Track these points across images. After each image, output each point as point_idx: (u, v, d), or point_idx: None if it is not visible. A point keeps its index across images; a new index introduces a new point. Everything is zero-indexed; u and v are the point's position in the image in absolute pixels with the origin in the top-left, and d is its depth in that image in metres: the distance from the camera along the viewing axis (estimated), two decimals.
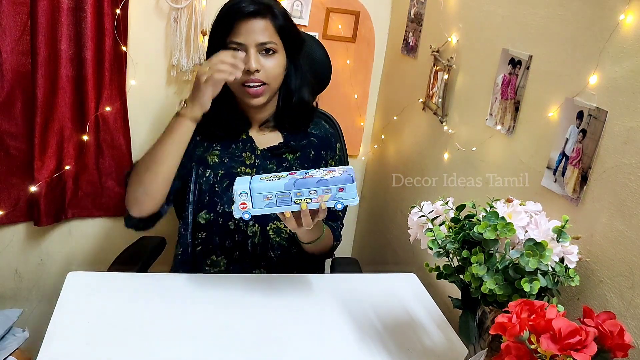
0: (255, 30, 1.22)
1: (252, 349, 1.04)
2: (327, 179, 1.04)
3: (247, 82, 1.23)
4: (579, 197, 0.97)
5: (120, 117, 1.73)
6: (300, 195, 1.04)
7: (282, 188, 1.04)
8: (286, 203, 1.05)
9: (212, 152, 1.33)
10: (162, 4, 1.68)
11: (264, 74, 1.23)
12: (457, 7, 1.47)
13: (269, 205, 1.06)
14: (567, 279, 0.85)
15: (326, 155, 1.39)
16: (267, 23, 1.23)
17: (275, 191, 1.04)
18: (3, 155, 1.66)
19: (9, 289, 1.86)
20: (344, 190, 1.04)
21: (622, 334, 0.72)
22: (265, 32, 1.23)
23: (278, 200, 1.05)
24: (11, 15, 1.56)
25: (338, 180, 1.04)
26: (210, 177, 1.31)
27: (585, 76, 0.97)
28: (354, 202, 1.06)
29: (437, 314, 1.23)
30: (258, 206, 1.06)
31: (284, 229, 1.34)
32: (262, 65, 1.23)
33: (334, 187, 1.04)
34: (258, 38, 1.22)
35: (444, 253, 0.90)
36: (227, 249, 1.34)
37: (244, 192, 1.05)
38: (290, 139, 1.36)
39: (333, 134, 1.45)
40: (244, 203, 1.06)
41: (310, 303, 1.22)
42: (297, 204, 1.05)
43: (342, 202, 1.05)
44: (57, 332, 1.02)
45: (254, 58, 1.21)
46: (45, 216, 1.71)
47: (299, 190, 1.04)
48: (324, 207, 1.06)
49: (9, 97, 1.62)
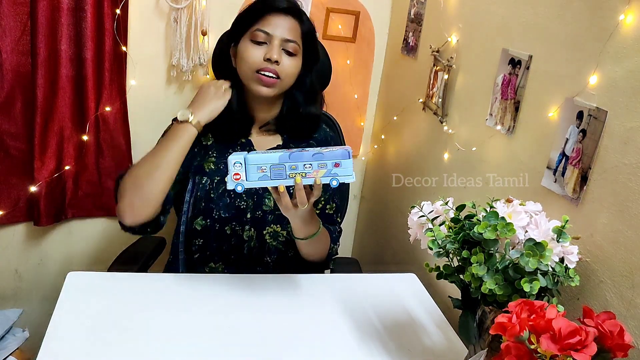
0: (285, 25, 1.24)
1: (252, 349, 1.04)
2: (323, 153, 1.02)
3: (263, 70, 1.23)
4: (579, 197, 0.97)
5: (120, 117, 1.73)
6: (295, 169, 1.02)
7: (277, 160, 1.02)
8: (280, 177, 1.03)
9: (209, 160, 1.32)
10: (162, 4, 1.68)
11: (281, 68, 1.24)
12: (457, 7, 1.47)
13: (263, 178, 1.03)
14: (567, 279, 0.85)
15: None
16: (296, 23, 1.26)
17: (270, 162, 1.02)
18: (3, 155, 1.66)
19: (9, 289, 1.86)
20: (340, 166, 1.02)
21: (622, 334, 0.72)
22: (293, 31, 1.25)
23: (272, 172, 1.03)
24: (11, 15, 1.56)
25: (334, 154, 1.02)
26: (207, 184, 1.30)
27: (585, 76, 0.97)
28: (350, 179, 1.03)
29: (437, 314, 1.23)
30: (251, 178, 1.03)
31: (280, 232, 1.34)
32: (282, 61, 1.24)
33: (329, 162, 1.02)
34: (285, 34, 1.24)
35: (444, 253, 0.90)
36: (223, 254, 1.34)
37: (238, 163, 1.03)
38: (289, 142, 1.36)
39: (333, 137, 1.44)
40: (238, 174, 1.03)
41: (310, 303, 1.22)
42: (292, 177, 1.03)
43: (337, 178, 1.02)
44: (57, 332, 1.02)
45: (276, 50, 1.23)
46: (45, 216, 1.71)
47: (294, 163, 1.02)
48: (318, 183, 1.03)
49: (9, 97, 1.62)
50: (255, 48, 1.23)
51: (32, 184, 1.66)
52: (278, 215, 1.31)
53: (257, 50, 1.23)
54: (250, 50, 1.23)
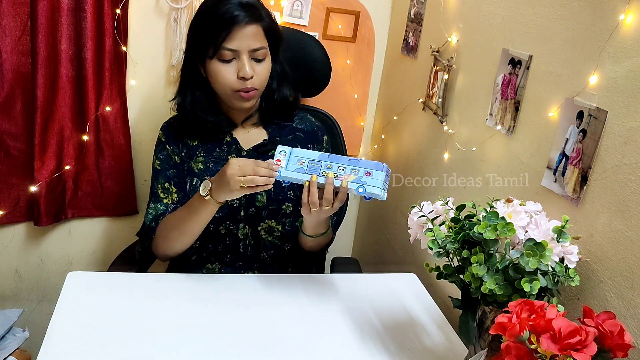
0: (248, 36, 1.20)
1: (252, 349, 1.04)
2: (359, 160, 1.10)
3: (240, 90, 1.22)
4: (579, 197, 0.97)
5: (120, 117, 1.73)
6: (330, 168, 1.10)
7: (317, 157, 1.12)
8: (314, 172, 1.10)
9: (197, 160, 1.32)
10: (162, 4, 1.68)
11: (256, 79, 1.22)
12: (457, 7, 1.47)
13: (299, 170, 1.11)
14: (567, 279, 0.85)
15: (313, 149, 1.37)
16: (257, 27, 1.22)
17: (309, 157, 1.12)
18: (3, 155, 1.66)
19: (9, 289, 1.86)
20: (371, 176, 1.08)
21: (622, 334, 0.72)
22: (257, 36, 1.22)
23: (308, 167, 1.11)
24: (11, 15, 1.56)
25: (368, 164, 1.09)
26: (197, 185, 1.29)
27: (585, 76, 0.97)
28: (378, 191, 1.07)
29: (437, 314, 1.23)
30: (290, 168, 1.12)
31: (275, 227, 1.34)
32: (255, 71, 1.22)
33: (362, 170, 1.09)
34: (251, 44, 1.20)
35: (444, 253, 0.90)
36: (219, 255, 1.34)
37: (283, 152, 1.13)
38: (275, 135, 1.35)
39: (320, 127, 1.42)
40: (279, 160, 1.12)
41: (310, 303, 1.22)
42: (324, 176, 1.09)
43: (365, 186, 1.08)
44: (57, 332, 1.02)
45: (248, 65, 1.20)
46: (45, 216, 1.71)
47: (330, 162, 1.11)
48: (344, 185, 1.08)
49: (9, 97, 1.62)
50: (225, 67, 1.21)
51: (32, 184, 1.66)
52: (272, 210, 1.32)
53: (228, 68, 1.21)
54: (222, 71, 1.21)
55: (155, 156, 1.34)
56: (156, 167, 1.33)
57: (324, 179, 1.09)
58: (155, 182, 1.33)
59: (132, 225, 1.88)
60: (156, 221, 1.29)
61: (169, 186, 1.31)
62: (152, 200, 1.32)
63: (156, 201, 1.31)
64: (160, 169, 1.32)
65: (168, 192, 1.31)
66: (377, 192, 1.07)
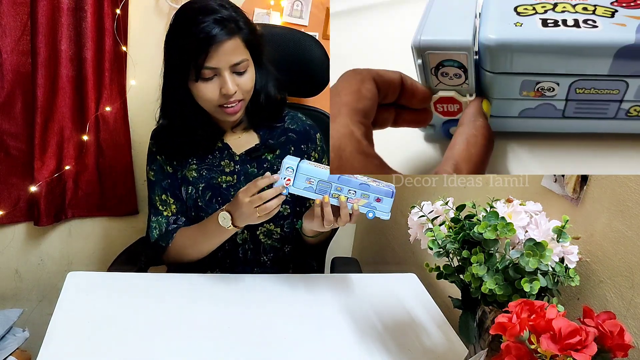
0: (229, 50, 1.14)
1: (252, 349, 1.04)
2: (370, 185, 1.09)
3: (224, 104, 1.18)
4: (579, 197, 0.97)
5: (120, 117, 1.73)
6: (340, 191, 1.09)
7: (326, 177, 1.09)
8: (324, 193, 1.10)
9: (190, 168, 1.30)
10: (162, 4, 1.68)
11: (239, 92, 1.18)
12: None
13: (308, 189, 1.10)
14: (567, 279, 0.85)
15: (307, 148, 1.35)
16: (236, 41, 1.15)
17: (318, 177, 1.09)
18: (3, 155, 1.66)
19: (9, 289, 1.86)
20: (381, 202, 1.09)
21: (622, 334, 0.72)
22: (236, 51, 1.15)
23: (318, 187, 1.10)
24: (11, 16, 1.56)
25: (379, 190, 1.09)
26: (192, 193, 1.29)
27: None
28: (386, 217, 1.10)
29: (437, 314, 1.23)
30: (298, 186, 1.10)
31: (274, 230, 1.33)
32: (238, 84, 1.17)
33: (372, 195, 1.09)
34: (231, 59, 1.15)
35: (444, 253, 0.90)
36: (219, 261, 1.34)
37: (290, 168, 1.09)
38: (268, 138, 1.33)
39: (312, 126, 1.39)
40: (289, 179, 1.10)
41: (310, 303, 1.22)
42: (335, 198, 1.09)
43: (375, 212, 1.10)
44: (57, 332, 1.02)
45: (230, 81, 1.15)
46: (45, 216, 1.71)
47: (340, 185, 1.09)
48: (356, 208, 1.09)
49: (9, 97, 1.62)
50: (206, 85, 1.16)
51: (32, 184, 1.66)
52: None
53: (211, 86, 1.16)
54: (203, 90, 1.16)
55: (148, 167, 1.32)
56: (150, 178, 1.32)
57: (335, 201, 1.10)
58: (152, 194, 1.31)
59: (132, 225, 1.89)
60: (163, 238, 1.28)
61: (166, 198, 1.30)
62: (153, 213, 1.31)
63: (157, 214, 1.30)
64: (154, 180, 1.31)
65: (166, 204, 1.30)
66: (385, 217, 1.10)
